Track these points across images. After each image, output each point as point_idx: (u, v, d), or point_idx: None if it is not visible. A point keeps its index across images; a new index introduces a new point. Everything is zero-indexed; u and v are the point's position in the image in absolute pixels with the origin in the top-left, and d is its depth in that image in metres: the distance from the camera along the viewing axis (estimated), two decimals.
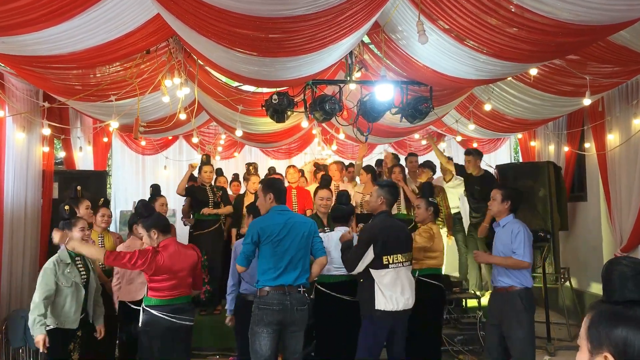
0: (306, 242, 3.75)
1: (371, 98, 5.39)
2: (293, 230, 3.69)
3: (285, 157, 9.80)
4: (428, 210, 4.79)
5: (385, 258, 3.85)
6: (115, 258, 3.65)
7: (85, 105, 5.50)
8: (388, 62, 5.16)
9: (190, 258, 3.85)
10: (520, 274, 4.03)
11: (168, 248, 3.72)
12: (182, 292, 3.77)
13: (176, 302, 3.72)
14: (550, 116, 6.73)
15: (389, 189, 4.13)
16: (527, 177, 7.26)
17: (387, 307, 3.83)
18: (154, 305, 3.67)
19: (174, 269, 3.68)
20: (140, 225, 3.81)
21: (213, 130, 9.12)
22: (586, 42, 4.01)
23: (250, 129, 6.92)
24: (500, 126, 7.30)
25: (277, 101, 5.26)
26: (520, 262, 3.99)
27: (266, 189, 3.87)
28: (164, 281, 3.66)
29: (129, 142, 9.02)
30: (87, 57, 4.26)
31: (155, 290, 3.67)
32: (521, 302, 3.98)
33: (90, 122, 7.55)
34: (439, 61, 4.63)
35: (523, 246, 3.99)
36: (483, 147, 9.29)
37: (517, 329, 3.96)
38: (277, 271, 3.63)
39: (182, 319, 3.71)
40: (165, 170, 9.40)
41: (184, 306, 3.78)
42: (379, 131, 6.71)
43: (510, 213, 4.22)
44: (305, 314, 3.73)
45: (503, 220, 4.22)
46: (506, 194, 4.24)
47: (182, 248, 3.88)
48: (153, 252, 3.62)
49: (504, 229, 4.18)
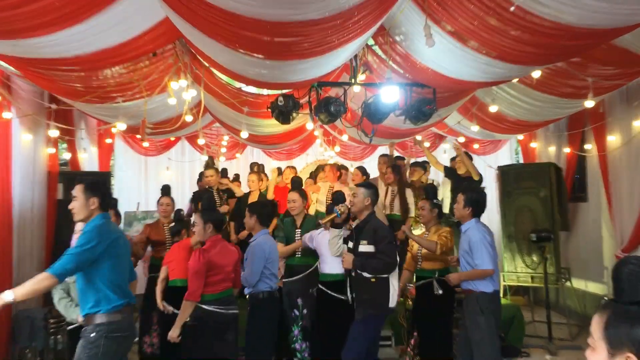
0: None
1: (376, 100, 5.42)
2: None
3: (287, 158, 9.82)
4: (432, 211, 4.84)
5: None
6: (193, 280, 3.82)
7: (91, 107, 5.52)
8: (392, 64, 5.19)
9: (233, 254, 4.10)
10: (478, 280, 4.09)
11: (216, 244, 3.95)
12: (227, 285, 4.01)
13: (223, 295, 3.94)
14: (552, 118, 6.77)
15: (374, 190, 4.22)
16: (528, 179, 7.32)
17: (395, 303, 3.95)
18: (205, 301, 3.84)
19: (220, 263, 3.90)
20: (199, 216, 3.98)
21: (215, 132, 9.14)
22: (590, 45, 4.05)
23: (255, 130, 6.95)
24: (502, 127, 7.35)
25: (282, 103, 5.29)
26: (483, 271, 4.05)
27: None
28: (213, 275, 3.86)
29: (131, 144, 9.04)
30: (96, 60, 4.28)
31: (206, 284, 3.83)
32: (478, 306, 4.05)
33: (95, 124, 7.57)
34: (443, 63, 4.67)
35: (481, 255, 4.04)
36: (484, 148, 9.35)
37: (474, 331, 4.05)
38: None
39: (229, 309, 3.94)
40: (167, 171, 9.41)
41: (229, 298, 4.01)
42: (382, 132, 6.74)
43: (473, 218, 4.24)
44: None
45: (465, 226, 4.26)
46: (469, 200, 4.25)
47: (227, 245, 4.12)
48: (201, 251, 3.83)
49: (465, 235, 4.23)
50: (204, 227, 3.97)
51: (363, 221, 4.19)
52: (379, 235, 4.00)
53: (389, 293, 3.90)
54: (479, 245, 4.07)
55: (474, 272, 4.09)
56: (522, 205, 7.31)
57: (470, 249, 4.09)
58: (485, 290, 4.08)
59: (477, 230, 4.17)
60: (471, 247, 4.09)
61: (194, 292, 3.76)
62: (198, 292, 3.77)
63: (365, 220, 4.17)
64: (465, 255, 4.18)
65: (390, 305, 3.94)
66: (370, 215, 4.16)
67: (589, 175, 7.22)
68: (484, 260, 4.04)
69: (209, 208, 4.16)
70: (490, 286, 4.09)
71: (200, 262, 3.77)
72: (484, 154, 9.35)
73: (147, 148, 9.10)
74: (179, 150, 9.61)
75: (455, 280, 4.24)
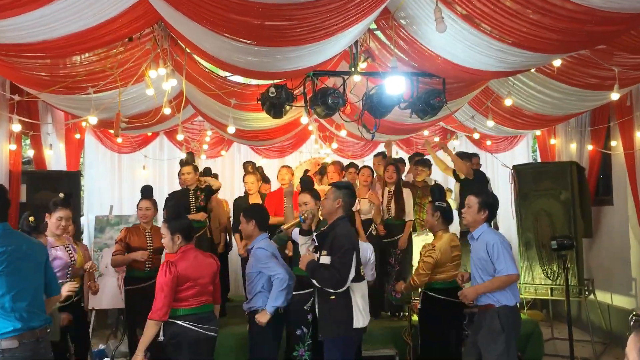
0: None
1: (378, 91, 5.42)
2: None
3: (278, 155, 9.78)
4: (434, 215, 4.76)
5: (361, 268, 3.93)
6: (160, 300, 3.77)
7: (59, 98, 5.48)
8: (397, 51, 5.19)
9: (210, 265, 4.01)
10: (499, 291, 4.05)
11: (187, 255, 3.88)
12: (205, 300, 3.93)
13: (201, 310, 3.86)
14: (574, 111, 6.80)
15: (347, 191, 4.07)
16: (547, 179, 7.33)
17: (364, 324, 3.88)
18: (179, 316, 3.79)
19: (194, 275, 3.83)
20: (166, 227, 3.92)
21: (198, 126, 9.10)
22: (618, 32, 4.06)
23: (243, 125, 6.93)
24: (518, 122, 7.36)
25: (274, 94, 5.28)
26: (507, 277, 4.00)
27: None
28: (186, 289, 3.80)
29: (103, 140, 8.98)
30: (64, 45, 4.25)
31: (179, 300, 3.79)
32: (499, 322, 4.01)
33: (62, 117, 7.52)
34: (455, 51, 4.67)
35: (504, 258, 4.00)
36: (498, 145, 9.36)
37: (491, 351, 4.02)
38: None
39: (207, 329, 3.85)
40: (144, 170, 9.35)
41: (208, 315, 3.92)
42: (385, 127, 6.73)
43: (485, 223, 4.22)
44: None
45: (477, 232, 4.22)
46: (484, 203, 4.22)
47: (202, 255, 4.03)
48: (168, 264, 3.77)
49: (478, 242, 4.19)
50: (172, 238, 3.90)
51: (329, 227, 4.03)
52: (335, 245, 3.83)
53: (351, 312, 3.83)
54: (498, 248, 4.02)
55: (497, 280, 4.02)
56: (540, 209, 7.33)
57: (489, 255, 4.06)
58: (508, 304, 4.04)
59: (493, 233, 4.17)
60: (489, 252, 4.04)
61: (158, 310, 3.71)
62: (164, 311, 3.72)
63: (331, 226, 4.00)
64: (481, 264, 4.14)
65: (355, 326, 3.83)
66: (340, 220, 3.99)
67: (615, 175, 7.25)
68: (508, 265, 3.99)
69: (176, 216, 4.04)
70: (512, 298, 4.06)
71: (166, 277, 3.72)
72: (497, 152, 9.37)
73: (121, 144, 9.03)
74: (157, 147, 9.55)
75: (472, 296, 4.17)
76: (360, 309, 3.86)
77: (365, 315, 3.92)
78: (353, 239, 3.93)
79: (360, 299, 3.88)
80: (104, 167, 9.22)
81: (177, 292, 3.78)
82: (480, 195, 4.31)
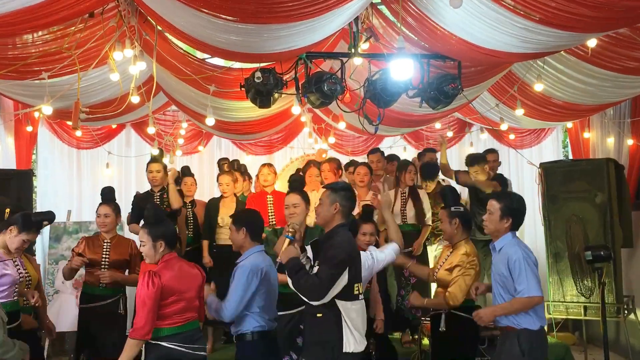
0: None
1: (383, 76, 5.42)
2: None
3: (266, 152, 9.79)
4: (453, 223, 4.75)
5: (356, 286, 3.84)
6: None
7: (7, 84, 5.47)
8: (405, 29, 5.20)
9: (196, 277, 4.04)
10: (521, 313, 4.07)
11: (172, 265, 3.90)
12: (192, 316, 3.95)
13: (188, 328, 3.89)
14: (611, 100, 6.82)
15: (345, 193, 4.01)
16: (579, 179, 7.33)
17: (357, 349, 3.80)
18: (164, 336, 3.80)
19: (179, 288, 3.85)
20: (146, 232, 3.93)
21: (171, 117, 9.10)
22: None
23: (224, 115, 6.93)
24: (546, 113, 7.39)
25: (260, 80, 5.27)
26: (528, 300, 3.99)
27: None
28: (172, 304, 3.81)
29: (60, 133, 8.96)
30: (14, 22, 4.24)
31: (163, 317, 3.79)
32: (518, 347, 4.02)
33: (11, 107, 7.50)
34: (472, 29, 4.68)
35: (525, 277, 3.99)
36: (522, 139, 9.38)
37: None
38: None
39: (195, 348, 3.88)
40: (107, 169, 9.34)
41: (194, 334, 3.94)
42: (390, 119, 6.76)
43: (510, 232, 4.22)
44: None
45: (499, 242, 4.22)
46: (507, 209, 4.19)
47: (186, 265, 4.06)
48: (150, 275, 3.77)
49: (500, 255, 4.19)
50: (153, 245, 3.91)
51: (325, 236, 3.99)
52: (328, 254, 3.77)
53: (341, 333, 3.81)
54: (521, 265, 4.01)
55: (516, 302, 4.04)
56: (571, 214, 7.33)
57: (510, 272, 4.07)
58: (530, 327, 4.05)
59: (517, 246, 4.15)
60: (510, 268, 4.05)
61: (140, 328, 3.71)
62: (147, 329, 3.71)
63: (328, 235, 3.95)
64: (501, 281, 4.15)
65: (346, 349, 3.83)
66: (339, 227, 3.94)
67: None
68: (530, 285, 3.98)
69: (157, 220, 4.05)
70: (535, 321, 4.07)
71: (149, 290, 3.72)
72: (522, 147, 9.38)
73: (81, 139, 9.01)
74: (123, 141, 9.54)
75: (488, 317, 4.18)
76: (351, 329, 3.80)
77: (360, 338, 3.86)
78: (352, 252, 3.88)
79: (350, 320, 3.82)
80: (60, 166, 9.20)
81: (160, 307, 3.78)
82: (503, 198, 4.27)
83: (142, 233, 3.99)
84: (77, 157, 9.30)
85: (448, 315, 4.72)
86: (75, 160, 9.29)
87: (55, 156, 9.16)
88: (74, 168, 9.27)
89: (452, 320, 4.70)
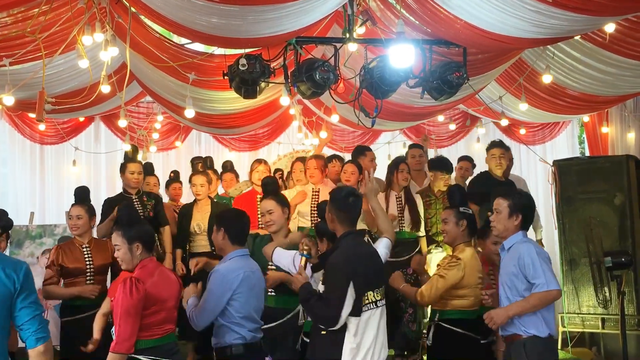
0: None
1: (381, 64, 5.45)
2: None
3: (251, 148, 9.82)
4: (460, 224, 4.81)
5: (366, 296, 3.88)
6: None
7: None
8: (405, 12, 5.23)
9: (174, 284, 4.03)
10: (528, 317, 4.11)
11: (152, 270, 3.89)
12: (170, 328, 3.94)
13: (165, 341, 3.87)
14: (631, 91, 6.89)
15: (343, 200, 4.08)
16: (597, 178, 7.37)
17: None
18: (142, 349, 3.77)
19: (161, 297, 3.85)
20: (120, 235, 3.92)
21: (145, 109, 9.11)
22: None
23: (205, 107, 6.94)
24: (560, 105, 7.44)
25: (245, 67, 5.28)
26: (546, 294, 4.03)
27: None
28: (152, 315, 3.80)
29: (21, 127, 8.94)
30: None
31: (141, 328, 3.76)
32: (524, 356, 4.06)
33: None
34: (479, 12, 4.71)
35: (542, 271, 4.04)
36: (534, 134, 9.44)
37: None
38: None
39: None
40: (74, 167, 9.33)
41: (172, 347, 3.93)
42: (388, 111, 6.76)
43: (520, 230, 4.28)
44: None
45: (509, 241, 4.27)
46: (516, 206, 4.25)
47: (166, 271, 4.09)
48: (132, 281, 3.76)
49: (509, 254, 4.24)
50: (129, 248, 3.90)
51: (332, 248, 4.10)
52: (328, 273, 3.89)
53: (340, 352, 3.85)
54: (535, 260, 4.05)
55: (532, 297, 4.05)
56: (588, 217, 7.36)
57: (524, 268, 4.08)
58: (538, 334, 4.08)
59: (529, 242, 4.22)
60: (524, 264, 4.06)
61: (126, 340, 3.70)
62: (132, 341, 3.71)
63: (332, 249, 4.06)
64: (509, 281, 4.18)
65: None
66: (341, 238, 4.02)
67: None
68: (548, 278, 4.01)
69: (130, 221, 4.03)
70: (544, 328, 4.10)
71: (132, 298, 3.70)
72: (534, 143, 9.44)
73: (45, 133, 9.02)
74: (91, 136, 9.56)
75: (502, 319, 4.17)
76: (359, 346, 3.85)
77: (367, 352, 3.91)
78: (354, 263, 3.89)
79: (363, 333, 3.86)
80: (21, 163, 9.20)
81: (140, 317, 3.78)
82: (510, 196, 4.34)
83: (115, 236, 3.97)
84: (40, 154, 9.30)
85: (436, 328, 4.75)
86: (39, 157, 9.29)
87: (17, 152, 9.16)
88: (36, 165, 9.27)
89: (440, 333, 4.72)
